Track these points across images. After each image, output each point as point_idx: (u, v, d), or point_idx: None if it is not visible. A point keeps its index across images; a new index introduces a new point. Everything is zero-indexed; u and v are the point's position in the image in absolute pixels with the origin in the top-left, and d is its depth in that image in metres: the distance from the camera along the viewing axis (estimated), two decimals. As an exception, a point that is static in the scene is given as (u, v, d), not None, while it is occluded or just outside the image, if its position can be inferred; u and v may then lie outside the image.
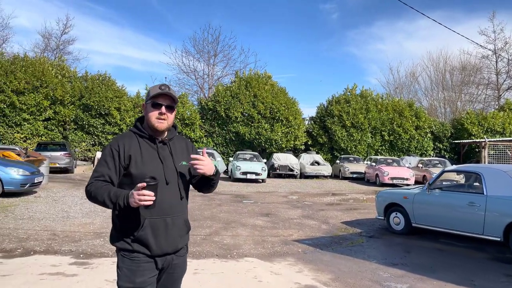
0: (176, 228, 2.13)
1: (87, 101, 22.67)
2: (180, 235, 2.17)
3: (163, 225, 2.07)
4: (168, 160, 2.15)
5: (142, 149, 2.11)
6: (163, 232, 2.07)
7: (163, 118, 2.13)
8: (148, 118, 2.15)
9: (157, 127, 2.13)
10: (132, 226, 2.05)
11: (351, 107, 24.78)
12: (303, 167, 21.16)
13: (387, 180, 17.81)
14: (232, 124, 23.45)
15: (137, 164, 2.07)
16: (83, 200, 10.38)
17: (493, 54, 33.78)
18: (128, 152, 2.08)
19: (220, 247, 6.22)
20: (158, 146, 2.15)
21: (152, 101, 2.14)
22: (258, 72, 25.60)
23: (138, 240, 2.05)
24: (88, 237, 6.52)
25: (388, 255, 6.01)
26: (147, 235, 2.04)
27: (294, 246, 6.45)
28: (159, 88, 2.15)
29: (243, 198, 12.29)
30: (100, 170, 2.08)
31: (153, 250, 2.06)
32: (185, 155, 2.25)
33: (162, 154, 2.15)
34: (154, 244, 2.05)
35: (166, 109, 2.14)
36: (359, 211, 10.27)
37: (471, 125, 24.85)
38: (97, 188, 2.02)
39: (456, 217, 6.46)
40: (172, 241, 2.11)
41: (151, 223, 2.05)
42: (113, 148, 2.10)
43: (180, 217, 2.16)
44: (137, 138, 2.16)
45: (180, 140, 2.32)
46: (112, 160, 2.08)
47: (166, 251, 2.10)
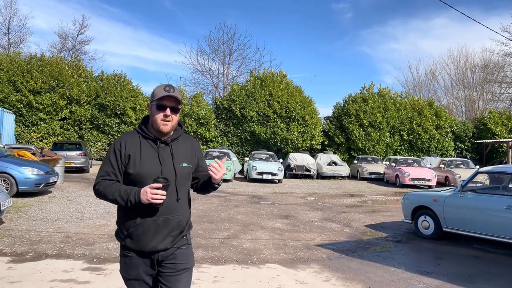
0: (167, 228, 2.14)
1: (103, 100, 22.65)
2: (172, 235, 2.16)
3: (154, 225, 2.10)
4: (168, 161, 2.15)
5: (142, 149, 2.14)
6: (152, 231, 2.10)
7: (167, 120, 2.14)
8: (153, 120, 2.16)
9: (162, 129, 2.14)
10: (126, 223, 2.12)
11: (369, 106, 24.20)
12: (320, 168, 20.71)
13: (407, 181, 17.27)
14: (247, 124, 23.13)
15: (135, 163, 2.10)
16: (98, 201, 10.18)
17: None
18: (128, 152, 2.12)
19: (240, 251, 5.89)
20: (159, 147, 2.16)
21: (157, 103, 2.14)
22: (273, 71, 25.23)
23: (130, 236, 2.12)
24: (102, 239, 6.26)
25: (420, 262, 5.59)
26: (138, 232, 2.09)
27: (317, 251, 6.08)
28: (164, 89, 2.15)
29: (260, 199, 11.95)
30: (106, 169, 2.14)
31: (142, 246, 2.11)
32: (188, 156, 2.25)
33: (162, 155, 2.16)
34: (143, 241, 2.10)
35: (171, 111, 2.15)
36: (382, 214, 9.83)
37: (495, 125, 24.01)
38: (106, 187, 2.09)
39: (492, 222, 6.00)
40: (162, 240, 2.13)
41: (143, 221, 2.09)
42: (116, 147, 2.15)
43: (174, 218, 2.15)
44: (139, 137, 2.18)
45: (185, 140, 2.30)
46: (115, 159, 2.13)
47: (154, 249, 2.12)
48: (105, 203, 9.81)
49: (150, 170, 2.09)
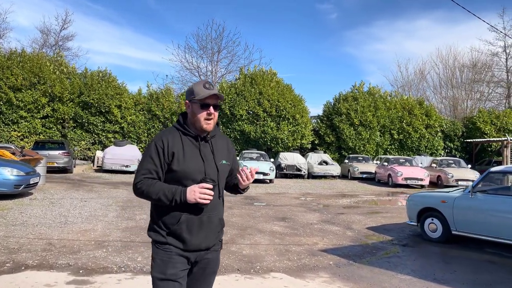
0: (211, 225, 2.13)
1: (87, 98, 21.87)
2: (214, 233, 2.16)
3: (199, 222, 2.08)
4: (210, 158, 2.14)
5: (184, 146, 2.11)
6: (197, 229, 2.09)
7: (211, 118, 2.13)
8: (196, 119, 2.13)
9: (205, 128, 2.12)
10: (169, 221, 2.08)
11: (359, 105, 23.97)
12: (311, 167, 20.38)
13: (400, 180, 17.05)
14: (237, 122, 22.63)
15: (179, 161, 2.07)
16: (83, 203, 9.60)
17: (503, 51, 33.06)
18: (171, 149, 2.08)
19: (240, 259, 5.43)
20: (200, 144, 2.14)
21: (200, 102, 2.11)
22: (263, 68, 24.77)
23: (173, 234, 2.07)
24: (89, 247, 5.72)
25: (434, 269, 5.21)
26: (182, 231, 2.06)
27: (323, 257, 5.67)
28: (204, 87, 2.12)
29: (254, 200, 11.50)
30: (147, 166, 2.09)
31: (186, 245, 2.08)
32: (225, 154, 2.24)
33: (204, 152, 2.13)
34: (188, 240, 2.07)
35: (214, 108, 2.13)
36: (382, 215, 9.49)
37: (484, 124, 24.05)
38: (149, 186, 2.05)
39: (507, 225, 5.67)
40: (205, 238, 2.12)
41: (187, 219, 2.06)
42: (158, 144, 2.10)
43: (216, 215, 2.16)
44: (180, 135, 2.14)
45: (221, 138, 2.30)
46: (157, 157, 2.08)
47: (198, 247, 2.11)
48: (90, 205, 9.24)
49: (194, 167, 2.08)
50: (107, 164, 18.33)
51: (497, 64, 34.69)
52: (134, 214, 8.39)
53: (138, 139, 22.81)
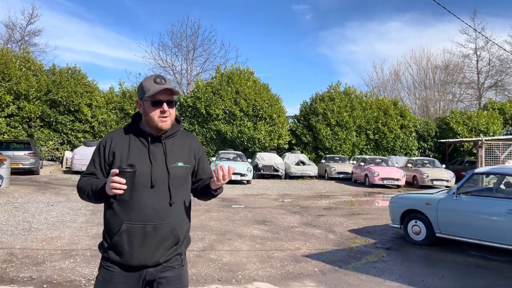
0: (158, 238, 1.85)
1: (55, 96, 20.93)
2: (164, 247, 1.87)
3: (142, 233, 1.83)
4: (160, 160, 1.91)
5: (131, 147, 1.92)
6: (140, 241, 1.83)
7: (165, 116, 1.91)
8: (149, 118, 1.91)
9: (161, 126, 1.91)
10: (111, 230, 1.87)
11: (336, 105, 23.99)
12: (288, 167, 20.20)
13: (377, 180, 17.10)
14: (213, 122, 22.19)
15: (121, 162, 1.87)
16: (49, 207, 9.01)
17: (474, 53, 33.97)
18: (113, 149, 1.92)
19: (220, 267, 5.10)
20: (151, 144, 1.93)
21: (151, 99, 1.89)
22: (240, 67, 24.42)
23: (113, 247, 1.85)
24: (55, 257, 5.25)
25: (422, 274, 5.03)
26: (122, 242, 1.83)
27: (307, 263, 5.41)
28: (154, 81, 1.89)
29: (232, 202, 11.16)
30: (89, 168, 1.98)
31: (126, 259, 1.83)
32: (186, 155, 2.00)
33: (154, 153, 1.92)
34: (129, 253, 1.83)
35: (168, 105, 1.91)
36: (363, 217, 9.35)
37: (456, 124, 24.54)
38: (83, 184, 1.93)
39: (493, 227, 5.58)
40: (150, 252, 1.84)
41: (128, 228, 1.82)
42: (101, 144, 1.97)
43: (166, 226, 1.86)
44: (129, 134, 1.95)
45: (183, 137, 2.05)
46: (98, 157, 1.96)
47: (143, 263, 1.84)
48: (57, 210, 8.68)
49: (139, 169, 1.81)
50: (77, 165, 17.56)
51: (468, 66, 35.68)
52: (105, 219, 7.90)
53: (110, 139, 22.01)
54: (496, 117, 24.99)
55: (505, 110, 26.01)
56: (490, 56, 34.96)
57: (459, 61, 35.12)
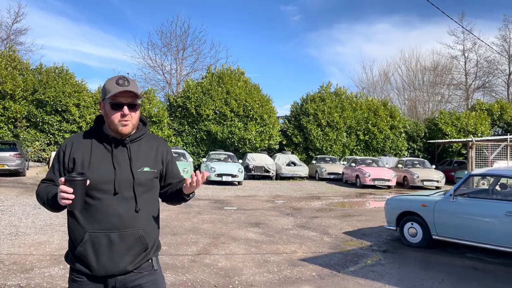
0: (124, 245, 1.79)
1: (42, 96, 20.48)
2: (132, 255, 1.81)
3: (106, 241, 1.77)
4: (125, 165, 1.83)
5: (93, 152, 1.84)
6: (105, 250, 1.77)
7: (126, 119, 1.82)
8: (110, 121, 1.83)
9: (121, 130, 1.83)
10: (74, 240, 1.81)
11: (326, 106, 24.00)
12: (279, 168, 20.13)
13: (368, 181, 17.11)
14: (203, 122, 21.98)
15: (83, 168, 1.79)
16: (37, 210, 8.76)
17: (462, 55, 34.38)
18: (73, 155, 1.84)
19: (216, 272, 4.96)
20: (114, 149, 1.85)
21: (110, 102, 1.81)
22: (230, 67, 24.24)
23: (78, 257, 1.79)
24: (44, 263, 5.05)
25: (422, 278, 4.96)
26: (87, 252, 1.76)
27: (304, 267, 5.30)
28: (116, 83, 1.80)
29: (224, 204, 11.02)
30: (48, 174, 1.92)
31: (93, 269, 1.77)
32: (152, 160, 1.92)
33: (118, 158, 1.84)
34: (95, 262, 1.76)
35: (129, 108, 1.82)
36: (357, 219, 9.29)
37: (445, 125, 24.74)
38: (40, 191, 1.86)
39: (490, 229, 5.54)
40: (117, 261, 1.78)
41: (92, 237, 1.76)
42: (61, 149, 1.89)
43: (132, 233, 1.80)
44: (92, 138, 1.88)
45: (150, 140, 1.97)
46: (57, 163, 1.88)
47: (110, 273, 1.78)
48: (45, 213, 8.43)
49: (101, 176, 1.78)
50: (65, 166, 17.18)
51: (456, 67, 36.09)
52: (95, 222, 7.69)
53: (98, 139, 21.64)
54: (484, 118, 25.28)
55: (493, 111, 26.33)
56: (478, 57, 35.50)
57: (447, 63, 35.56)
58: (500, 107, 26.66)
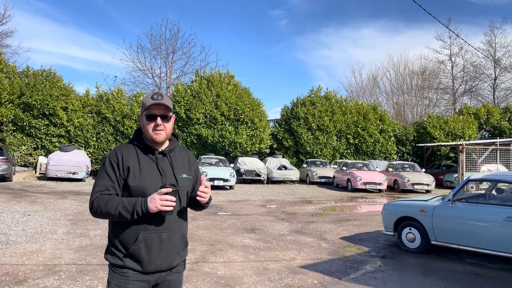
0: (172, 244, 2.02)
1: (28, 99, 20.10)
2: (176, 252, 2.05)
3: (158, 240, 1.97)
4: (168, 172, 2.05)
5: (140, 161, 2.02)
6: (157, 248, 1.97)
7: (159, 129, 2.04)
8: (145, 131, 2.07)
9: (155, 139, 2.05)
10: (127, 240, 1.95)
11: (317, 109, 24.06)
12: (270, 172, 20.07)
13: (359, 185, 17.15)
14: (193, 126, 21.81)
15: (135, 176, 1.98)
16: (26, 217, 8.52)
17: (449, 60, 34.88)
18: (126, 164, 1.99)
19: (217, 281, 4.85)
20: (158, 158, 2.07)
21: (146, 113, 2.05)
22: (220, 71, 24.13)
23: (131, 255, 1.95)
24: (37, 273, 4.88)
25: (424, 285, 4.93)
26: (140, 250, 1.94)
27: (305, 275, 5.23)
28: (152, 98, 2.05)
29: (217, 209, 10.90)
30: (103, 183, 1.99)
31: (145, 266, 1.95)
32: (186, 168, 2.15)
33: (162, 166, 2.06)
34: (147, 260, 1.95)
35: (162, 119, 2.05)
36: (353, 223, 9.27)
37: (433, 129, 25.01)
38: (107, 202, 1.92)
39: (490, 234, 5.55)
40: (166, 257, 2.00)
41: (146, 237, 1.94)
42: (112, 160, 2.02)
43: (177, 233, 2.04)
44: (135, 149, 2.07)
45: (182, 151, 2.21)
46: (113, 172, 1.99)
47: (159, 268, 1.99)
48: (34, 220, 8.21)
49: (152, 182, 1.99)
50: (52, 171, 16.87)
51: (444, 71, 36.60)
52: (87, 230, 7.51)
53: (86, 143, 21.31)
54: (471, 121, 25.64)
55: (480, 115, 26.73)
56: (464, 62, 36.05)
57: (435, 67, 36.05)
58: (486, 111, 27.09)
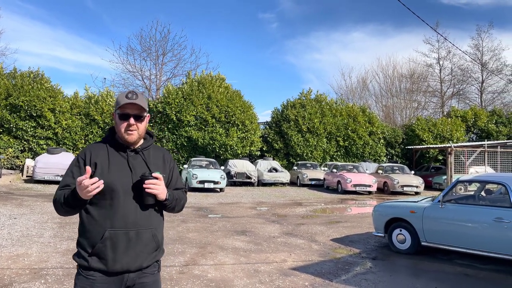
0: (141, 243, 1.93)
1: (15, 100, 19.78)
2: (147, 252, 1.95)
3: (125, 238, 1.89)
4: (140, 169, 2.00)
5: (110, 158, 2.00)
6: (124, 246, 1.89)
7: (132, 129, 2.00)
8: (118, 130, 2.03)
9: (127, 139, 2.01)
10: (93, 238, 1.90)
11: (307, 112, 24.11)
12: (261, 174, 20.03)
13: (350, 187, 17.21)
14: (184, 128, 21.67)
15: (102, 172, 1.94)
16: (12, 220, 8.36)
17: (437, 63, 35.33)
18: (94, 160, 1.97)
19: (207, 284, 4.79)
20: (129, 155, 2.03)
21: (119, 112, 2.00)
22: (211, 73, 24.05)
23: (96, 254, 1.88)
24: (23, 277, 4.77)
25: (415, 286, 4.94)
26: (106, 248, 1.87)
27: (296, 277, 5.20)
28: (126, 96, 2.00)
29: (207, 212, 10.82)
30: (65, 180, 2.00)
31: (110, 265, 1.87)
32: (161, 166, 2.10)
33: (133, 163, 2.02)
34: (112, 258, 1.87)
35: (135, 119, 2.00)
36: (343, 225, 9.27)
37: (422, 131, 25.25)
38: (59, 196, 1.93)
39: (479, 235, 5.58)
40: (135, 257, 1.91)
41: (111, 235, 1.87)
42: (80, 157, 2.02)
43: (147, 231, 1.95)
44: (107, 147, 2.04)
45: (156, 150, 2.17)
46: (78, 169, 1.98)
47: (126, 268, 1.89)
48: (21, 223, 8.05)
49: (120, 178, 1.94)
50: (39, 173, 16.59)
51: (432, 75, 37.07)
52: (74, 233, 7.38)
53: (74, 146, 21.03)
54: (459, 124, 25.94)
55: (467, 117, 27.06)
56: (452, 65, 36.55)
57: (423, 70, 36.48)
58: (474, 114, 27.43)
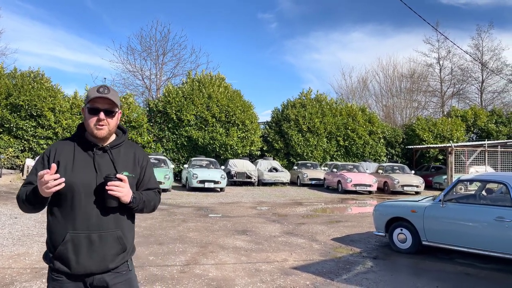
0: (105, 246, 1.88)
1: (16, 100, 19.77)
2: (111, 254, 1.90)
3: (87, 241, 1.85)
4: (106, 169, 1.93)
5: (76, 156, 1.94)
6: (86, 250, 1.85)
7: (102, 124, 1.94)
8: (87, 124, 1.96)
9: (96, 134, 1.94)
10: (55, 241, 1.87)
11: (307, 111, 24.11)
12: (261, 174, 20.03)
13: (350, 187, 17.20)
14: (184, 128, 21.66)
15: (66, 171, 1.87)
16: (13, 220, 8.36)
17: (437, 63, 35.34)
18: (57, 158, 1.92)
19: (208, 283, 4.79)
20: (96, 154, 1.96)
21: (89, 106, 1.94)
22: (211, 73, 24.05)
23: (59, 257, 1.85)
24: (24, 277, 4.78)
25: (416, 285, 4.93)
26: (67, 251, 1.83)
27: (297, 276, 5.20)
28: (97, 90, 1.95)
29: (208, 211, 10.82)
30: (28, 177, 1.97)
31: (73, 268, 1.84)
32: (130, 165, 2.03)
33: (99, 162, 1.95)
34: (75, 261, 1.84)
35: (105, 114, 1.94)
36: (344, 224, 9.27)
37: (422, 131, 25.24)
38: (22, 193, 1.90)
39: (480, 235, 5.58)
40: (98, 259, 1.87)
41: (73, 237, 1.84)
42: (45, 154, 1.98)
43: (111, 234, 1.90)
44: (74, 144, 1.98)
45: (128, 147, 2.08)
46: (41, 167, 1.93)
47: (89, 271, 1.86)
48: (21, 223, 8.05)
49: (82, 178, 1.88)
50: (40, 173, 16.57)
51: (432, 74, 37.07)
52: (76, 232, 7.38)
53: (75, 145, 20.99)
54: (459, 124, 25.94)
55: (467, 117, 27.06)
56: (452, 65, 36.56)
57: (423, 70, 36.48)
58: (473, 113, 27.44)
